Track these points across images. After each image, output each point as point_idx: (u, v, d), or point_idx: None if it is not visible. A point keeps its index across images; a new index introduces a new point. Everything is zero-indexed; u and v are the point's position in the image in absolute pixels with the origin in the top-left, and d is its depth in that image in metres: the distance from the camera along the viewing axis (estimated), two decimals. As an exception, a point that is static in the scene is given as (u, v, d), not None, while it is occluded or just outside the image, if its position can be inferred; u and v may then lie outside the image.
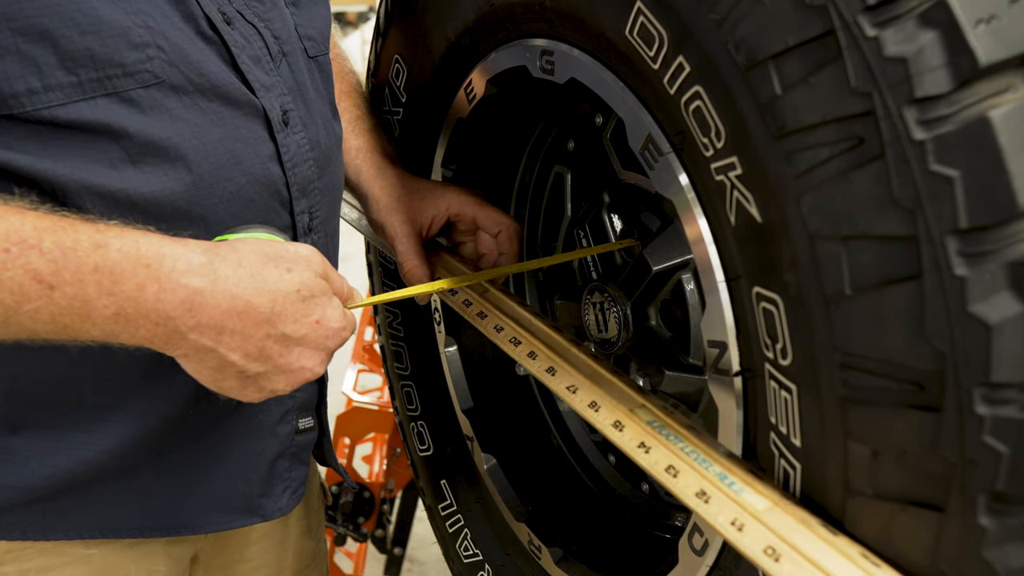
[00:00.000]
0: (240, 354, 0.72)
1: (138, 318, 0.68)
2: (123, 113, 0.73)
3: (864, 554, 0.59)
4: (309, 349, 0.75)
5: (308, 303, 0.74)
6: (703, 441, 0.73)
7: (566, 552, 1.06)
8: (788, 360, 0.63)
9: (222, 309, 0.69)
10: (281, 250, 0.75)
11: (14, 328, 0.67)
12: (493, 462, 1.18)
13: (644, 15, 0.70)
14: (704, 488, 0.68)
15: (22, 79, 0.69)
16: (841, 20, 0.54)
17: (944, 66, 0.51)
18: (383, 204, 1.09)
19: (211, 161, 0.79)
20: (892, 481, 0.57)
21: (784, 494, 0.66)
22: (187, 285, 0.68)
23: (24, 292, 0.64)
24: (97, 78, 0.71)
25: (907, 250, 0.53)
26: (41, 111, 0.70)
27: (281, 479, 0.97)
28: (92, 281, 0.66)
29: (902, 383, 0.55)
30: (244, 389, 0.75)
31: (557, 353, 0.88)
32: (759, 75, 0.60)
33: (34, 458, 0.82)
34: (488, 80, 1.01)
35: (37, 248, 0.64)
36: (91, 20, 0.70)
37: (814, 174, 0.57)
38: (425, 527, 2.89)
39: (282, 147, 0.86)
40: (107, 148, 0.73)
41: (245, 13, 0.85)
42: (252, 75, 0.83)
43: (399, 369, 1.34)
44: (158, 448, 0.87)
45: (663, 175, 0.75)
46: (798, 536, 0.61)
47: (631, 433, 0.75)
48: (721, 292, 0.71)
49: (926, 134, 0.51)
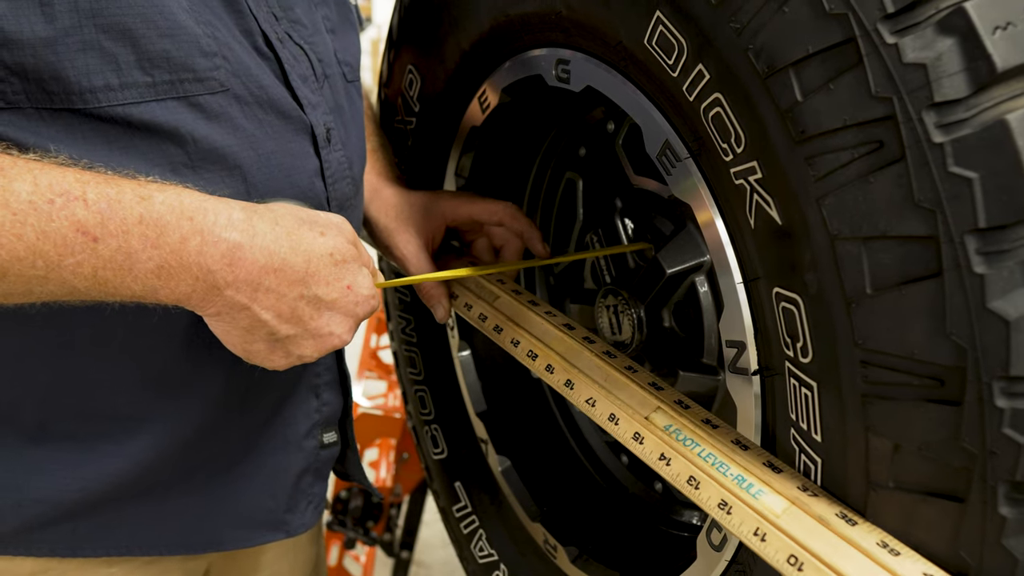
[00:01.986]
0: (273, 313, 0.72)
1: (181, 271, 0.67)
2: (190, 118, 0.74)
3: (883, 541, 0.60)
4: (339, 314, 0.76)
5: (340, 267, 0.75)
6: (719, 440, 0.74)
7: (582, 551, 1.07)
8: (809, 358, 0.65)
9: (259, 264, 0.70)
10: (314, 215, 0.77)
11: (53, 284, 0.65)
12: (508, 464, 1.19)
13: (663, 24, 0.72)
14: (725, 498, 0.69)
15: (101, 75, 0.69)
16: (861, 28, 0.56)
17: (962, 71, 0.53)
18: (382, 226, 1.11)
19: (264, 172, 0.80)
20: (913, 473, 0.59)
21: (800, 488, 0.67)
22: (228, 239, 0.68)
23: (68, 244, 0.63)
24: (170, 80, 0.72)
25: (927, 249, 0.55)
26: (115, 108, 0.70)
27: (305, 494, 0.98)
28: (137, 233, 0.65)
29: (923, 378, 0.57)
30: (272, 353, 0.76)
31: (571, 363, 0.89)
32: (779, 82, 0.62)
33: (62, 470, 0.82)
34: (502, 89, 1.03)
35: (81, 199, 0.63)
36: (170, 24, 0.71)
37: (835, 177, 0.59)
38: (431, 531, 2.90)
39: (325, 163, 0.88)
40: (171, 152, 0.74)
41: (292, 35, 0.87)
42: (301, 92, 0.85)
43: (412, 374, 1.36)
44: (187, 462, 0.87)
45: (681, 180, 0.77)
46: (817, 540, 0.63)
47: (651, 445, 0.77)
48: (739, 293, 0.73)
49: (945, 137, 0.53)
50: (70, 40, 0.67)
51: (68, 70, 0.68)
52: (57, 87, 0.68)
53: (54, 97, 0.69)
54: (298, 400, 0.95)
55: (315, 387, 0.96)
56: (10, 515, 0.82)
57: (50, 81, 0.68)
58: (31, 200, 0.62)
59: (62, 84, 0.68)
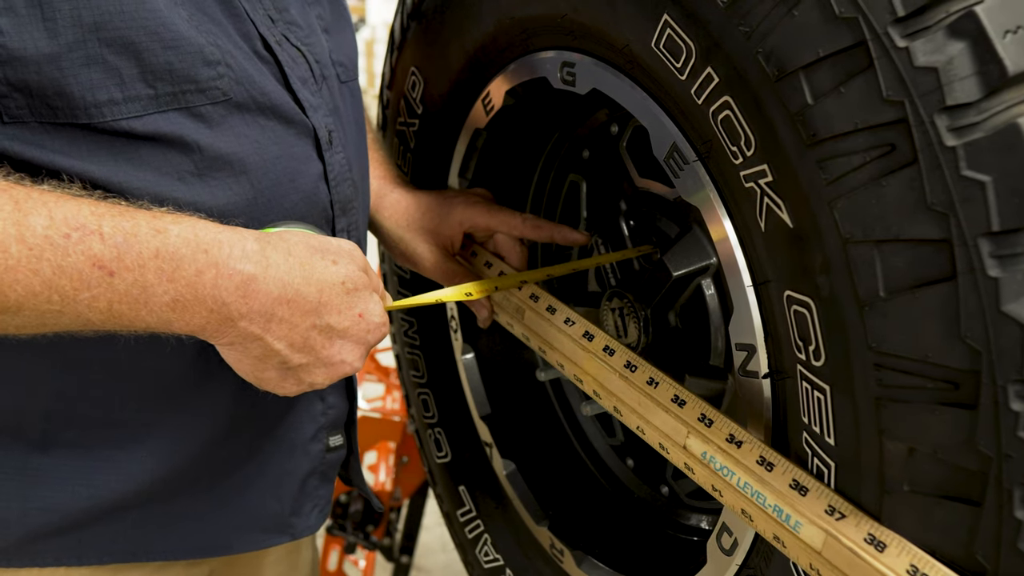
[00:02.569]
0: (285, 343, 0.73)
1: (195, 304, 0.67)
2: (193, 127, 0.74)
3: (913, 567, 0.60)
4: (351, 342, 0.76)
5: (352, 296, 0.76)
6: (747, 463, 0.73)
7: (589, 555, 1.07)
8: (821, 361, 0.65)
9: (273, 296, 0.70)
10: (326, 243, 0.77)
11: (68, 317, 0.65)
12: (513, 467, 1.19)
13: (671, 28, 0.72)
14: (776, 533, 0.69)
15: (104, 89, 0.69)
16: (871, 31, 0.56)
17: (974, 75, 0.53)
18: (396, 236, 1.10)
19: (270, 177, 0.80)
20: (928, 477, 0.59)
21: (827, 511, 0.66)
22: (242, 271, 0.69)
23: (84, 279, 0.63)
24: (172, 92, 0.72)
25: (940, 253, 0.55)
26: (119, 121, 0.70)
27: (310, 497, 0.98)
28: (153, 267, 0.65)
29: (937, 381, 0.57)
30: (284, 381, 0.76)
31: (606, 387, 0.88)
32: (790, 85, 0.62)
33: (70, 479, 0.82)
34: (507, 91, 1.03)
35: (97, 233, 0.63)
36: (173, 35, 0.71)
37: (847, 180, 0.59)
38: (430, 535, 2.89)
39: (328, 166, 0.87)
40: (178, 161, 0.74)
41: (289, 37, 0.86)
42: (302, 95, 0.85)
43: (415, 377, 1.36)
44: (196, 468, 0.87)
45: (689, 183, 0.77)
46: (857, 571, 0.63)
47: (702, 477, 0.77)
48: (749, 296, 0.73)
49: (958, 140, 0.53)
50: (74, 55, 0.67)
51: (72, 85, 0.68)
52: (61, 102, 0.68)
53: (58, 112, 0.68)
54: (304, 404, 0.95)
55: (320, 391, 0.96)
56: (15, 525, 0.81)
57: (54, 97, 0.68)
58: (47, 235, 0.62)
59: (66, 99, 0.68)
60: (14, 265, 0.61)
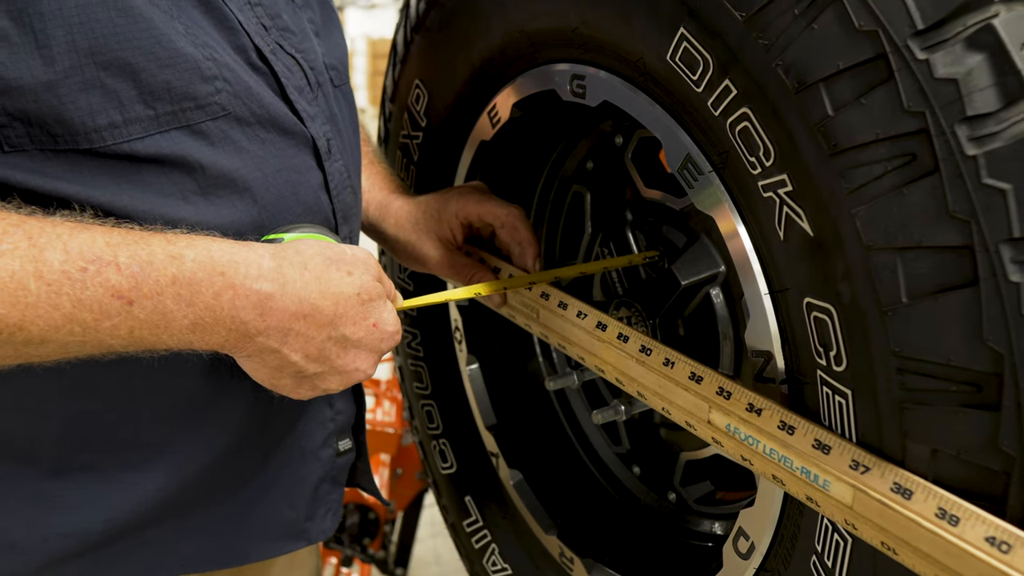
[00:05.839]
0: (301, 355, 0.74)
1: (215, 325, 0.68)
2: (195, 146, 0.74)
3: (941, 509, 0.60)
4: (364, 351, 0.78)
5: (367, 306, 0.77)
6: (769, 429, 0.73)
7: (599, 563, 1.08)
8: (842, 367, 0.67)
9: (290, 312, 0.71)
10: (341, 252, 0.77)
11: (90, 346, 0.66)
12: (520, 477, 1.20)
13: (688, 41, 0.73)
14: (809, 493, 0.70)
15: (104, 113, 0.69)
16: (891, 44, 0.58)
17: (992, 86, 0.55)
18: (403, 241, 1.10)
19: (273, 191, 0.81)
20: (952, 478, 0.60)
21: (851, 467, 0.66)
22: (259, 290, 0.70)
23: (104, 310, 0.64)
24: (172, 111, 0.72)
25: (963, 259, 0.56)
26: (121, 144, 0.70)
27: (323, 502, 0.98)
28: (171, 293, 0.66)
29: (960, 384, 0.58)
30: (298, 387, 0.78)
31: (626, 374, 0.89)
32: (810, 97, 0.63)
33: (87, 502, 0.81)
34: (514, 104, 1.04)
35: (114, 264, 0.64)
36: (169, 53, 0.71)
37: (868, 189, 0.60)
38: (423, 548, 2.88)
39: (328, 175, 0.88)
40: (181, 181, 0.74)
41: (283, 45, 0.86)
42: (299, 105, 0.85)
43: (419, 388, 1.36)
44: (210, 481, 0.87)
45: (703, 193, 0.78)
46: (889, 522, 0.63)
47: (731, 449, 0.77)
48: (766, 303, 0.75)
49: (978, 149, 0.55)
50: (71, 81, 0.67)
51: (71, 112, 0.67)
52: (61, 129, 0.68)
53: (58, 139, 0.68)
54: (313, 411, 0.95)
55: (328, 397, 0.97)
56: (36, 552, 0.81)
57: (54, 124, 0.67)
58: (64, 269, 0.62)
59: (66, 126, 0.68)
60: (34, 302, 0.61)
